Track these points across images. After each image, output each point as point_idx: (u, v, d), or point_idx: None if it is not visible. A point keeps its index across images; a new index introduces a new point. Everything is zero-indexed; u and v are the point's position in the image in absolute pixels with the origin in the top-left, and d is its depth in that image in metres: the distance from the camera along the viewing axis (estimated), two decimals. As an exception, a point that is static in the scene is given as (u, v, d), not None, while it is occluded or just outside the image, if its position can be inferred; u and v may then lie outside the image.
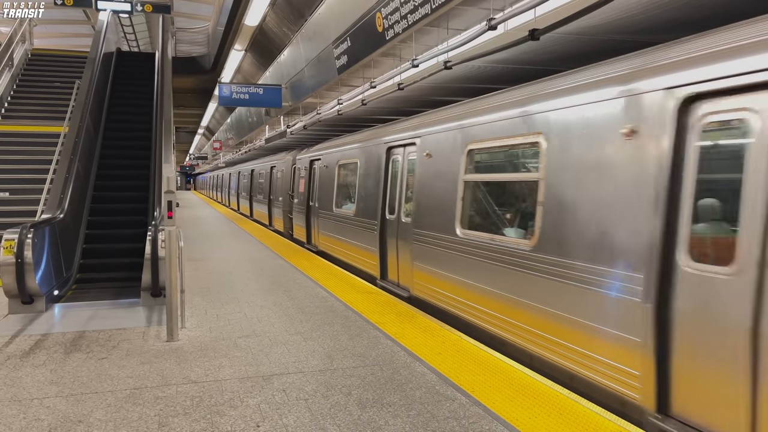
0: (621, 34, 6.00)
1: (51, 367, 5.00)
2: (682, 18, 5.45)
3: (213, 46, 20.54)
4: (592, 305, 4.49)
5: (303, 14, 12.27)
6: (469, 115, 6.55)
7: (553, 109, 5.07)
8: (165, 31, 16.40)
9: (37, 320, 6.61)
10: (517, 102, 5.68)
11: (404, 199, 8.41)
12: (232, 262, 10.89)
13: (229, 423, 3.86)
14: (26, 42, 17.02)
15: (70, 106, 12.45)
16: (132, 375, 4.79)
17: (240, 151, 29.07)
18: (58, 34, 31.42)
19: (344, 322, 6.52)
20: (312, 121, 13.95)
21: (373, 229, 9.24)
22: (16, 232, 6.77)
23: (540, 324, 5.11)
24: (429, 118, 7.77)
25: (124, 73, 16.00)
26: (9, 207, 10.40)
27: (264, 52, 16.69)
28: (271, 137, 19.18)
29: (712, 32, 3.89)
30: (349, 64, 9.81)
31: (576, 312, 4.65)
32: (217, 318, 6.69)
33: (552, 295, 4.96)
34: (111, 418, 3.95)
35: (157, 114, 12.46)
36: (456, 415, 4.00)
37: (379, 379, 4.68)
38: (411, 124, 8.35)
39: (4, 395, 4.36)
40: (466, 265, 6.39)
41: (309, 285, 8.69)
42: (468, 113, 6.60)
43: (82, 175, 10.17)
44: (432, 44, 7.75)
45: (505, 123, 5.80)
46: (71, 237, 9.05)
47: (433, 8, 6.45)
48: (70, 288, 8.48)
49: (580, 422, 3.86)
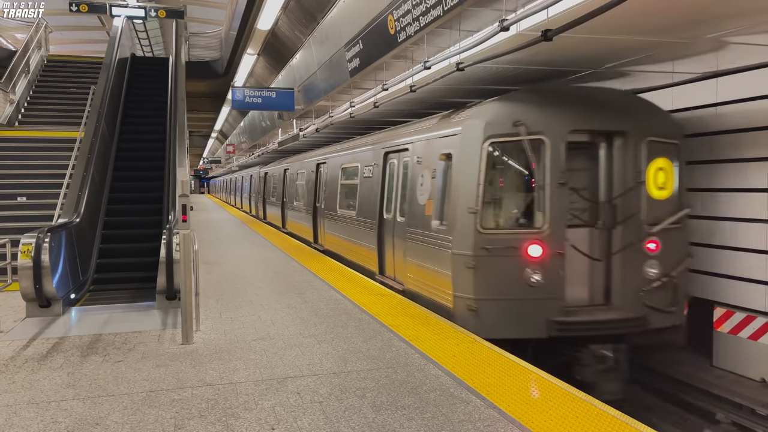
0: (638, 35, 5.96)
1: (68, 370, 5.05)
2: (696, 16, 5.40)
3: (226, 51, 20.67)
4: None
5: (315, 17, 12.30)
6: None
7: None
8: (178, 36, 16.51)
9: (54, 324, 6.68)
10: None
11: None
12: (246, 265, 10.93)
13: (244, 426, 3.87)
14: (42, 48, 17.25)
15: (86, 111, 12.58)
16: (148, 378, 4.83)
17: (253, 155, 29.19)
18: (73, 40, 31.77)
19: (358, 324, 6.52)
20: (324, 124, 13.98)
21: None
22: (33, 236, 6.84)
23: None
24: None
25: (138, 77, 16.16)
26: (26, 211, 10.52)
27: (276, 56, 16.76)
28: (284, 140, 19.25)
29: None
30: (361, 67, 9.82)
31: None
32: (231, 321, 6.71)
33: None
34: (127, 420, 3.98)
35: (171, 118, 12.56)
36: (471, 417, 3.98)
37: (393, 382, 4.68)
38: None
39: (22, 398, 4.41)
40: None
41: (322, 287, 8.70)
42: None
43: (98, 179, 10.27)
44: (444, 46, 7.72)
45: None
46: (87, 241, 9.14)
47: (445, 10, 6.43)
48: (87, 291, 8.56)
49: (595, 425, 3.83)
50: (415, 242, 8.18)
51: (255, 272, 10.15)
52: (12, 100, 13.73)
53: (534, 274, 6.56)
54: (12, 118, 13.58)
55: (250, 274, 9.98)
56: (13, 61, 14.76)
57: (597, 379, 6.53)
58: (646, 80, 8.31)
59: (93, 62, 17.00)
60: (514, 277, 6.61)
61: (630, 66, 7.57)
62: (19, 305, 7.12)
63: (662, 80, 8.31)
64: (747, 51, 6.62)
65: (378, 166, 10.16)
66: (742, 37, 6.10)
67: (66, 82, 16.17)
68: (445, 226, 7.31)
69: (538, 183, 6.76)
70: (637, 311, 6.81)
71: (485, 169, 6.74)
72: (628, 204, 6.89)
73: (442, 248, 7.27)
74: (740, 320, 7.72)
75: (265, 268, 10.55)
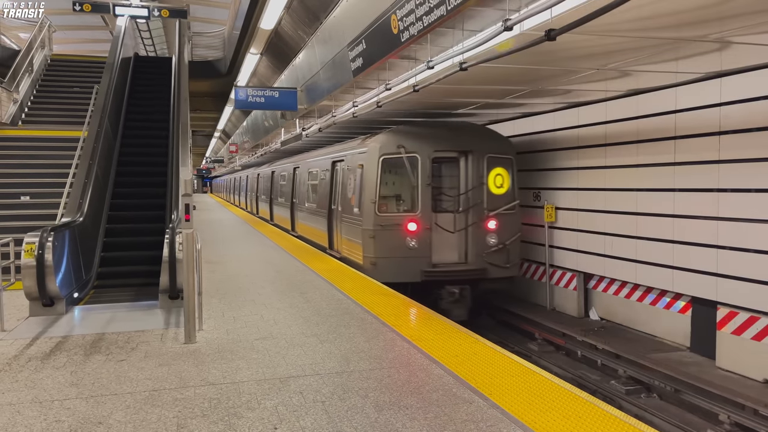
0: (643, 32, 5.95)
1: (71, 369, 5.06)
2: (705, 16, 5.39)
3: (229, 50, 20.66)
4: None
5: (318, 17, 12.30)
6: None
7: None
8: (181, 36, 16.53)
9: (57, 322, 6.69)
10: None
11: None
12: (249, 264, 10.94)
13: (247, 425, 3.88)
14: (46, 48, 17.27)
15: (89, 110, 12.60)
16: (151, 377, 4.83)
17: (255, 154, 29.23)
18: (76, 39, 31.81)
19: (360, 324, 6.52)
20: (327, 124, 13.98)
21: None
22: (36, 235, 6.85)
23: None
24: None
25: (141, 77, 16.17)
26: (30, 210, 10.55)
27: (279, 56, 16.76)
28: (287, 140, 19.24)
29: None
30: (364, 67, 9.81)
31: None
32: (234, 320, 6.72)
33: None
34: (130, 419, 3.98)
35: (174, 117, 12.58)
36: (473, 417, 3.98)
37: (395, 382, 4.67)
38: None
39: (25, 397, 4.42)
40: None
41: (325, 287, 8.70)
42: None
43: (101, 178, 10.29)
44: (447, 46, 7.72)
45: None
46: (90, 240, 9.15)
47: (448, 9, 6.43)
48: (90, 290, 8.57)
49: (598, 425, 3.82)
50: (345, 224, 11.94)
51: (257, 272, 10.16)
52: (15, 99, 13.76)
53: (411, 241, 10.39)
54: (15, 117, 13.60)
55: (253, 273, 9.99)
56: (17, 61, 14.79)
57: (450, 307, 10.12)
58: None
59: (96, 62, 17.02)
60: (399, 243, 10.39)
61: (633, 66, 7.58)
62: (23, 304, 7.13)
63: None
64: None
65: (328, 171, 13.64)
66: (745, 37, 6.10)
67: (69, 81, 16.19)
68: (359, 212, 10.97)
69: (413, 184, 10.53)
70: (481, 266, 10.63)
71: (380, 174, 10.57)
72: (476, 197, 10.70)
73: (358, 226, 10.98)
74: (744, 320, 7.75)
75: (267, 268, 10.55)
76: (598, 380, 8.75)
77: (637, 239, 9.65)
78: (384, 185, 10.63)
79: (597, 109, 10.44)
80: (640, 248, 9.61)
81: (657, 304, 9.61)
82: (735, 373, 7.88)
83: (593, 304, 11.24)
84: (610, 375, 8.87)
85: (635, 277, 9.78)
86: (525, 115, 12.49)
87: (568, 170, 11.39)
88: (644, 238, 9.51)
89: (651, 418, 7.48)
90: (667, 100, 8.95)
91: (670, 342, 9.37)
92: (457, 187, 10.80)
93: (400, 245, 10.31)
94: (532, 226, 12.40)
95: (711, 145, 8.23)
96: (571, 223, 11.40)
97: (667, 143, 8.98)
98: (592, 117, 10.59)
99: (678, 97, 8.75)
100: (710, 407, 7.29)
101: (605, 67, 7.64)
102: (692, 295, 8.74)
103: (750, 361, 7.71)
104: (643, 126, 9.43)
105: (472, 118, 13.35)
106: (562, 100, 10.61)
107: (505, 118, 13.14)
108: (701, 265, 8.46)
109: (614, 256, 10.23)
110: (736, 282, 7.89)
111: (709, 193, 8.31)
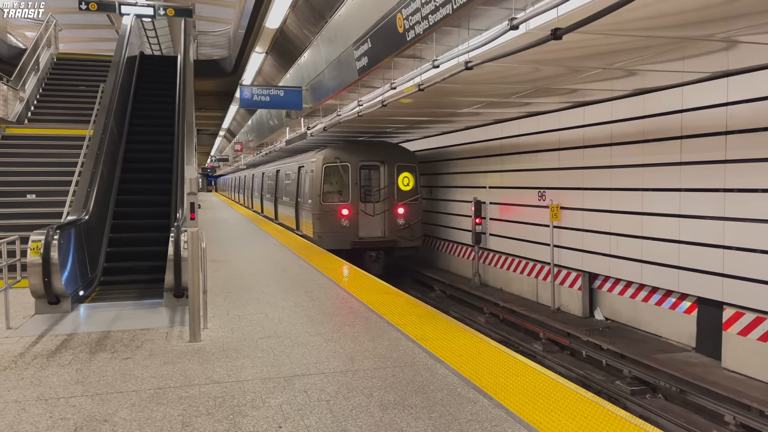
0: (649, 31, 5.93)
1: (76, 366, 5.08)
2: (706, 16, 5.36)
3: (234, 49, 20.66)
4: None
5: (323, 16, 12.29)
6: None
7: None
8: (187, 35, 16.56)
9: (62, 320, 6.71)
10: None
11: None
12: (253, 263, 10.95)
13: (252, 423, 3.88)
14: (52, 46, 17.31)
15: (95, 109, 12.62)
16: (156, 375, 4.84)
17: (260, 153, 29.28)
18: (82, 38, 31.86)
19: (365, 323, 6.52)
20: (332, 123, 13.98)
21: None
22: (42, 233, 6.87)
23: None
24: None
25: (147, 76, 16.20)
26: (35, 209, 10.58)
27: (285, 55, 16.76)
28: (292, 139, 19.26)
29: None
30: (369, 66, 9.79)
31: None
32: (239, 319, 6.73)
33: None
34: (135, 417, 3.99)
35: (179, 116, 12.59)
36: (478, 417, 3.97)
37: (400, 381, 4.67)
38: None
39: (30, 394, 4.43)
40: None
41: (329, 286, 8.71)
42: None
43: (107, 176, 10.31)
44: (453, 45, 7.70)
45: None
46: (96, 238, 9.18)
47: (454, 8, 6.41)
48: (95, 288, 8.60)
49: (603, 425, 3.81)
50: (303, 210, 17.24)
51: (262, 270, 10.17)
52: (22, 97, 13.79)
53: (343, 221, 15.37)
54: (22, 115, 13.63)
55: (258, 272, 10.00)
56: (23, 59, 14.82)
57: (370, 266, 14.67)
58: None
59: (102, 60, 17.07)
60: (336, 222, 15.38)
61: (639, 65, 7.55)
62: (28, 302, 7.16)
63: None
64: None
65: (296, 173, 18.53)
66: (751, 36, 6.07)
67: (75, 80, 16.23)
68: (311, 202, 16.02)
69: (345, 183, 15.57)
70: (393, 238, 15.71)
71: (323, 176, 15.50)
72: (389, 192, 15.74)
73: (310, 212, 16.03)
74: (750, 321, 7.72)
75: (272, 267, 10.56)
76: (603, 380, 8.74)
77: (643, 239, 9.63)
78: (326, 183, 15.57)
79: (603, 109, 10.43)
80: (645, 248, 9.58)
81: (662, 304, 9.57)
82: (741, 373, 7.85)
83: (598, 304, 11.23)
84: (615, 375, 8.84)
85: (640, 277, 9.76)
86: (530, 114, 12.48)
87: (573, 170, 11.37)
88: (650, 238, 9.49)
89: (656, 418, 7.46)
90: (673, 100, 8.93)
91: (675, 342, 9.34)
92: (377, 185, 15.92)
93: (337, 224, 15.37)
94: (537, 226, 12.41)
95: (717, 145, 8.20)
96: (576, 223, 11.38)
97: (673, 143, 8.96)
98: (598, 117, 10.58)
99: (684, 97, 8.73)
100: (716, 408, 7.27)
101: (611, 66, 7.63)
102: (698, 295, 8.71)
103: (756, 362, 7.68)
104: (649, 126, 9.41)
105: (477, 117, 13.40)
106: (568, 99, 10.59)
107: (509, 117, 13.14)
108: (707, 265, 8.43)
109: (619, 256, 10.21)
110: (743, 282, 7.86)
111: (716, 193, 8.28)
